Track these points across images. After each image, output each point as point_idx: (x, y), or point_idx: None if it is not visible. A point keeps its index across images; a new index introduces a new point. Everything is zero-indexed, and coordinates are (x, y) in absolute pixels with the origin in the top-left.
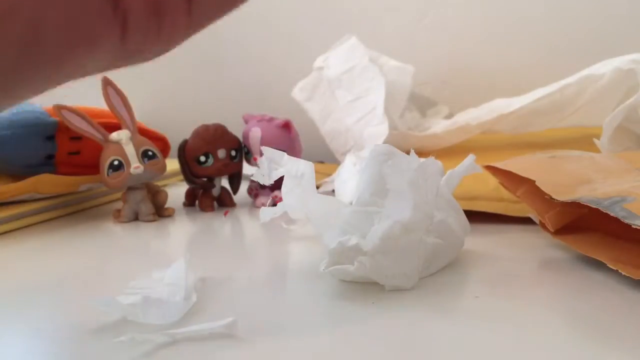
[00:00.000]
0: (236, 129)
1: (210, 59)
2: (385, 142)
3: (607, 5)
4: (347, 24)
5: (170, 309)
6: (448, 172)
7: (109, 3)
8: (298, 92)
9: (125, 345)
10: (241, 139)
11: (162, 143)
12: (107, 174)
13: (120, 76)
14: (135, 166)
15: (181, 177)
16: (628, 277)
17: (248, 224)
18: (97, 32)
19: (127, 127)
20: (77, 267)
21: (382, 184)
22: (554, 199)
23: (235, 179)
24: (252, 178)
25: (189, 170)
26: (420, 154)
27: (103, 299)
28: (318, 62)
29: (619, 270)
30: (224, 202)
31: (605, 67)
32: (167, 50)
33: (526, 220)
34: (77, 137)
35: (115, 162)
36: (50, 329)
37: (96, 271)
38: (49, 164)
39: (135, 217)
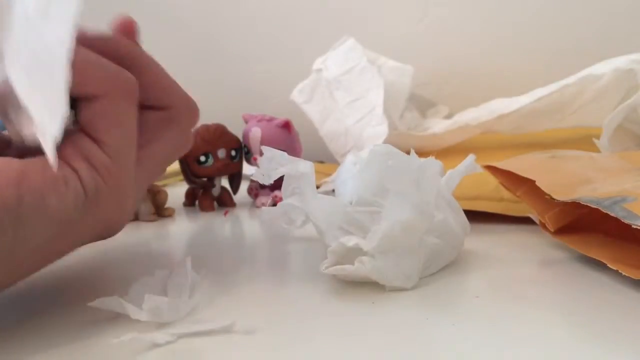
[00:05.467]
0: (236, 129)
1: (210, 59)
2: (385, 142)
3: (607, 6)
4: (347, 24)
5: (171, 309)
6: (448, 172)
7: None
8: (297, 94)
9: (126, 345)
10: (241, 139)
11: None
12: None
13: None
14: None
15: (181, 177)
16: (628, 277)
17: (248, 224)
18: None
19: None
20: (77, 266)
21: (382, 184)
22: (554, 199)
23: (235, 179)
24: (252, 178)
25: (189, 170)
26: (420, 154)
27: (104, 299)
28: (317, 64)
29: (619, 270)
30: (224, 202)
31: (605, 67)
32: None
33: (526, 220)
34: None
35: None
36: (50, 329)
37: (96, 271)
38: None
39: (135, 217)
